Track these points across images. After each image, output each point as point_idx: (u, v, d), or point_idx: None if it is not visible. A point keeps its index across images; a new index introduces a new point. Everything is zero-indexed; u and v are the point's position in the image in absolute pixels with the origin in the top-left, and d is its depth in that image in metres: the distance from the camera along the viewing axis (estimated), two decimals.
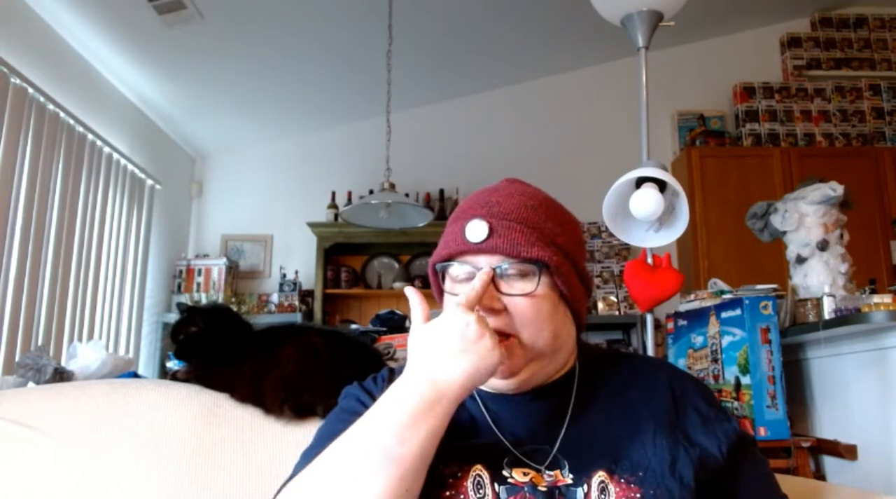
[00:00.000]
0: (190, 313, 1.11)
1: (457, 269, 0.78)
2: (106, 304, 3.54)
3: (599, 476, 0.72)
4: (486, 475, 0.72)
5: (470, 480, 0.72)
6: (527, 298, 0.75)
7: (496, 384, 0.79)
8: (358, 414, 0.73)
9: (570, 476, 0.73)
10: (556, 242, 0.77)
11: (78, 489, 0.93)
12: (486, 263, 0.76)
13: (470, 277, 0.77)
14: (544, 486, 0.72)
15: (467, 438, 0.77)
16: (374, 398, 0.78)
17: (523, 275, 0.76)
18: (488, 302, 0.74)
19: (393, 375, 0.87)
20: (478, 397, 0.81)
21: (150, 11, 3.17)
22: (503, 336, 0.74)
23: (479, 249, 0.75)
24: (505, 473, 0.73)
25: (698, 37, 4.78)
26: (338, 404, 0.86)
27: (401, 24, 3.36)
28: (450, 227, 0.80)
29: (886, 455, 2.01)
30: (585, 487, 0.71)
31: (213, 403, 1.03)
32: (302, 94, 4.32)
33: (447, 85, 4.68)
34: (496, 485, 0.72)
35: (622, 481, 0.71)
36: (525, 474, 0.73)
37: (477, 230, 0.75)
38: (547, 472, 0.73)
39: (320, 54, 3.91)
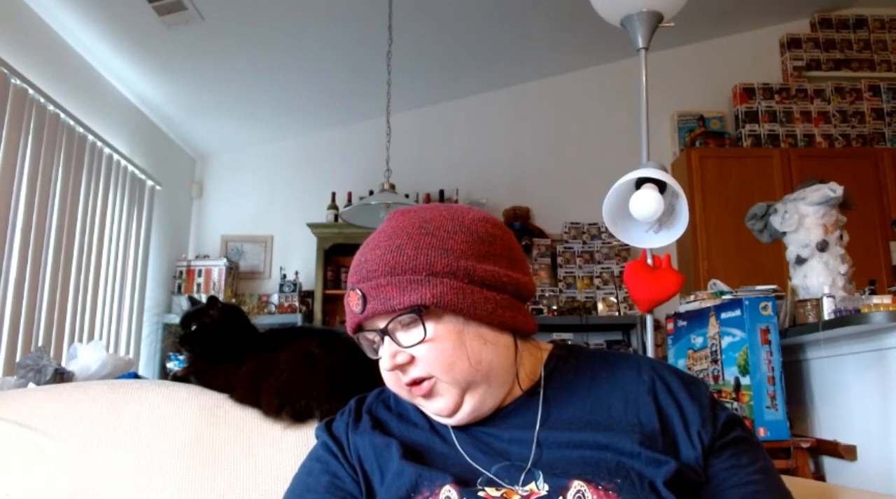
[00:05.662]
0: (210, 303, 1.10)
1: (362, 341, 0.81)
2: (106, 305, 3.55)
3: (576, 486, 0.70)
4: (455, 493, 0.72)
5: (441, 497, 0.72)
6: (424, 344, 0.75)
7: (451, 422, 0.79)
8: (326, 463, 0.81)
9: (546, 487, 0.72)
10: (434, 270, 0.75)
11: (78, 490, 0.93)
12: (372, 326, 0.79)
13: (371, 347, 0.80)
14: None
15: (440, 465, 0.76)
16: (339, 443, 0.83)
17: (413, 322, 0.76)
18: (395, 361, 0.76)
19: (360, 405, 0.87)
20: (450, 428, 0.81)
21: (151, 12, 3.17)
22: (424, 380, 0.77)
23: (363, 318, 0.78)
24: (477, 488, 0.73)
25: (698, 38, 4.79)
26: (315, 442, 0.87)
27: (401, 25, 3.36)
28: (345, 296, 0.82)
29: (886, 456, 2.01)
30: (561, 497, 0.70)
31: (213, 404, 1.03)
32: (302, 94, 4.32)
33: (447, 85, 4.68)
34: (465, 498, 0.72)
35: (600, 488, 0.70)
36: (497, 490, 0.72)
37: (355, 302, 0.78)
38: (522, 488, 0.72)
39: (320, 55, 3.91)
